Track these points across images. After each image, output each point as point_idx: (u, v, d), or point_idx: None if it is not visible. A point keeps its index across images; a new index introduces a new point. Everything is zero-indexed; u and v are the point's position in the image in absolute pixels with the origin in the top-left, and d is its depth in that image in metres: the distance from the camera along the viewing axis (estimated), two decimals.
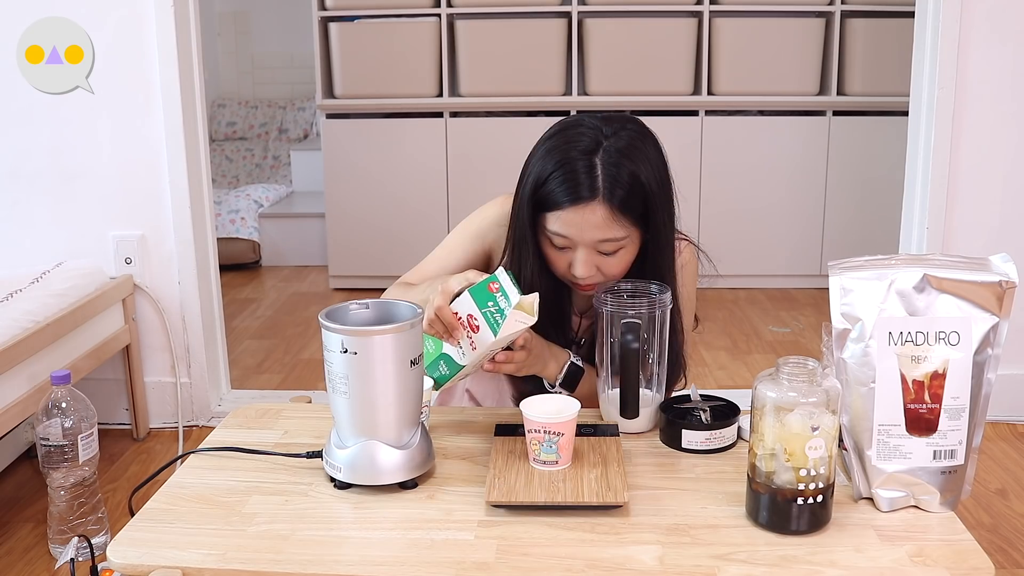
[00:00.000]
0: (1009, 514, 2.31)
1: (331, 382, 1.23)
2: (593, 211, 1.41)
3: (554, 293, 1.54)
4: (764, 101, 4.30)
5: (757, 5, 4.22)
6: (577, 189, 1.41)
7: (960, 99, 2.69)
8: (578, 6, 4.24)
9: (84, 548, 1.30)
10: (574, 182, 1.41)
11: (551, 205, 1.43)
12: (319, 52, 4.34)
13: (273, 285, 4.64)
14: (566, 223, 1.42)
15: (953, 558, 1.07)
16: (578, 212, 1.41)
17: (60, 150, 2.78)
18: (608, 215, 1.41)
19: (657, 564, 1.07)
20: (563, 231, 1.43)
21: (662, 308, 1.40)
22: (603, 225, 1.41)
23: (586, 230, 1.42)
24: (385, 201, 4.37)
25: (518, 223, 1.50)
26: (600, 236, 1.42)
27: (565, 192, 1.41)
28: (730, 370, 3.39)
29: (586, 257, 1.44)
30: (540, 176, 1.44)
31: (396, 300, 1.32)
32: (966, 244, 2.77)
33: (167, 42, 2.70)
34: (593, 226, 1.41)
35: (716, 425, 1.35)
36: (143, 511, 1.21)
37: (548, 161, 1.44)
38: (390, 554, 1.11)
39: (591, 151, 1.42)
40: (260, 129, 6.01)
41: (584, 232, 1.42)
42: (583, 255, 1.44)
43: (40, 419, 2.07)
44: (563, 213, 1.42)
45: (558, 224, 1.43)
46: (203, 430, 2.88)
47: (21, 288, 2.45)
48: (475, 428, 1.44)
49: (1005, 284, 1.16)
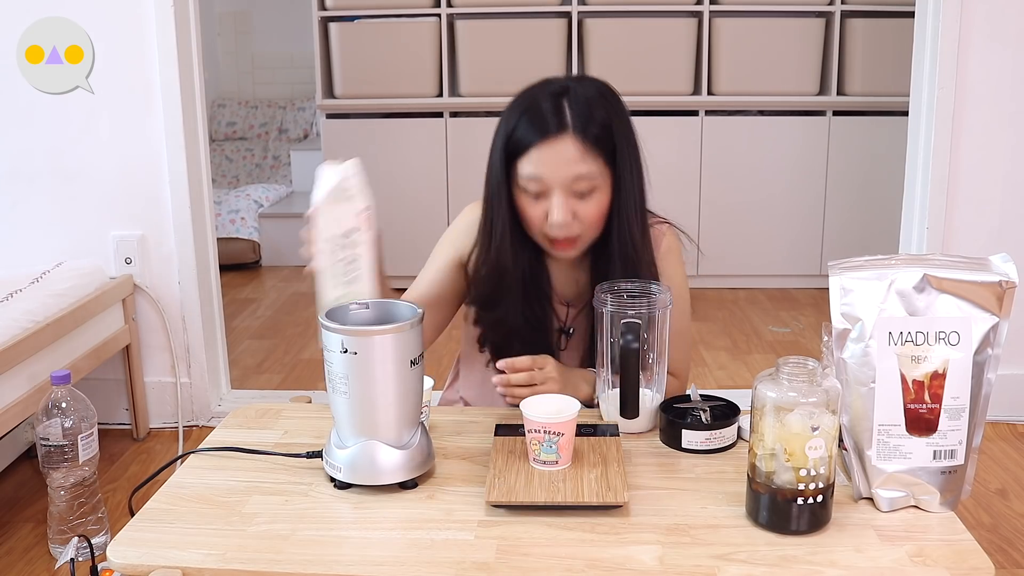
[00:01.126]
0: (1009, 514, 2.31)
1: (331, 382, 1.23)
2: (564, 144, 1.42)
3: (535, 280, 1.55)
4: (764, 101, 4.30)
5: (757, 5, 4.22)
6: (546, 125, 1.43)
7: (960, 99, 2.69)
8: (578, 6, 4.24)
9: (84, 548, 1.30)
10: (542, 119, 1.43)
11: (523, 147, 1.44)
12: (319, 52, 4.35)
13: (273, 285, 4.64)
14: (539, 161, 1.43)
15: (953, 558, 1.07)
16: (550, 147, 1.42)
17: (60, 150, 2.78)
18: (579, 148, 1.42)
19: (657, 564, 1.07)
20: (536, 171, 1.43)
21: (662, 308, 1.40)
22: (575, 159, 1.42)
23: (559, 166, 1.43)
24: (385, 201, 4.33)
25: (491, 186, 1.51)
26: (573, 172, 1.43)
27: (535, 130, 1.43)
28: (730, 370, 3.39)
29: (561, 201, 1.44)
30: (509, 124, 1.46)
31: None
32: (966, 244, 2.77)
33: (167, 42, 2.70)
34: (565, 161, 1.42)
35: (716, 425, 1.35)
36: (143, 511, 1.21)
37: (516, 110, 1.47)
38: (390, 554, 1.10)
39: (558, 94, 1.46)
40: (260, 129, 6.01)
41: (558, 168, 1.43)
42: (558, 198, 1.44)
43: (40, 419, 2.07)
44: (535, 152, 1.43)
45: (531, 165, 1.44)
46: (203, 430, 2.88)
47: (21, 288, 2.45)
48: (475, 428, 1.44)
49: (1005, 284, 1.16)
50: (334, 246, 1.31)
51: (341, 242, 1.31)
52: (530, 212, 1.47)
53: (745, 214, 4.34)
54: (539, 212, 1.47)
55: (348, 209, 1.29)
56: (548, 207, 1.45)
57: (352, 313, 1.28)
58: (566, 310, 1.63)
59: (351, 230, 1.30)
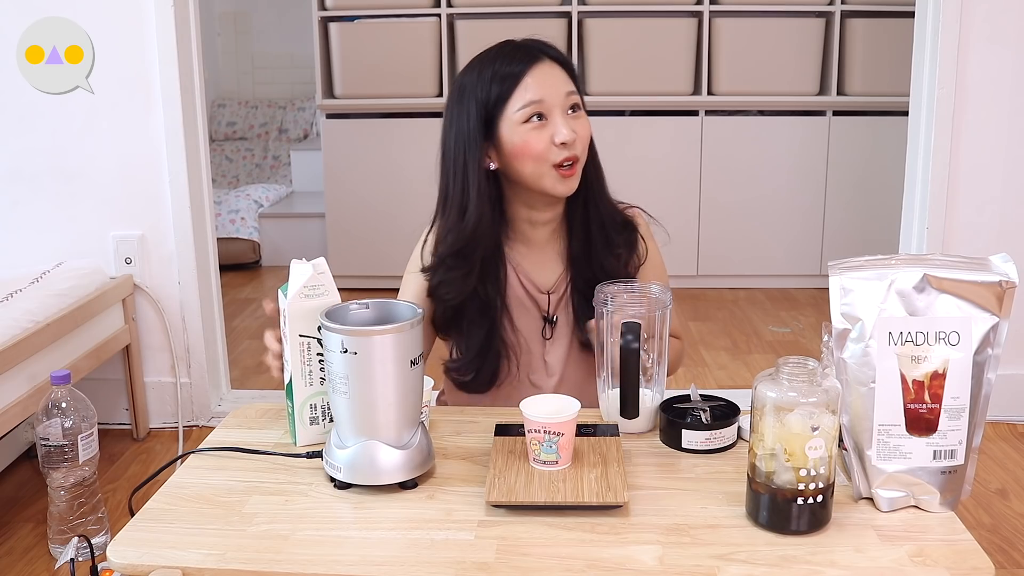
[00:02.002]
0: (1009, 514, 2.31)
1: (331, 382, 1.23)
2: (551, 66, 1.52)
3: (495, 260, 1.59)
4: (764, 101, 4.30)
5: (757, 5, 4.22)
6: (527, 56, 1.51)
7: (960, 99, 2.69)
8: (578, 6, 4.24)
9: (84, 548, 1.30)
10: (521, 53, 1.52)
11: (509, 88, 1.50)
12: (319, 52, 4.35)
13: (273, 285, 4.64)
14: (535, 84, 1.50)
15: (953, 558, 1.07)
16: (539, 71, 1.50)
17: (60, 150, 2.78)
18: (560, 69, 1.53)
19: (657, 564, 1.07)
20: (535, 95, 1.49)
21: (662, 308, 1.40)
22: (562, 77, 1.52)
23: (554, 84, 1.51)
24: (385, 201, 4.37)
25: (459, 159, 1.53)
26: (566, 87, 1.52)
27: (515, 66, 1.50)
28: (730, 370, 3.39)
29: (563, 119, 1.50)
30: (479, 91, 1.52)
31: None
32: (966, 244, 2.77)
33: (167, 42, 2.71)
34: (556, 78, 1.51)
35: (716, 425, 1.35)
36: (143, 511, 1.21)
37: (476, 81, 1.53)
38: (390, 554, 1.10)
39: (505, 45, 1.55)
40: (260, 129, 6.02)
41: (554, 86, 1.50)
42: (560, 116, 1.50)
43: (40, 419, 2.07)
44: (527, 79, 1.50)
45: (528, 92, 1.49)
46: (203, 430, 2.88)
47: (21, 288, 2.45)
48: (475, 428, 1.44)
49: (1005, 284, 1.16)
50: (304, 344, 1.33)
51: (312, 339, 1.33)
52: (534, 144, 1.51)
53: (745, 214, 4.34)
54: (543, 139, 1.50)
55: (318, 306, 1.30)
56: (551, 131, 1.50)
57: (352, 313, 1.28)
58: (547, 298, 1.64)
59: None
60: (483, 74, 1.52)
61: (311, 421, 1.37)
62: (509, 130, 1.51)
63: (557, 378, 1.66)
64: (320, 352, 1.31)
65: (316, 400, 1.36)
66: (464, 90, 1.54)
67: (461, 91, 1.55)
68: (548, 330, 1.64)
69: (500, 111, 1.51)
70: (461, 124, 1.54)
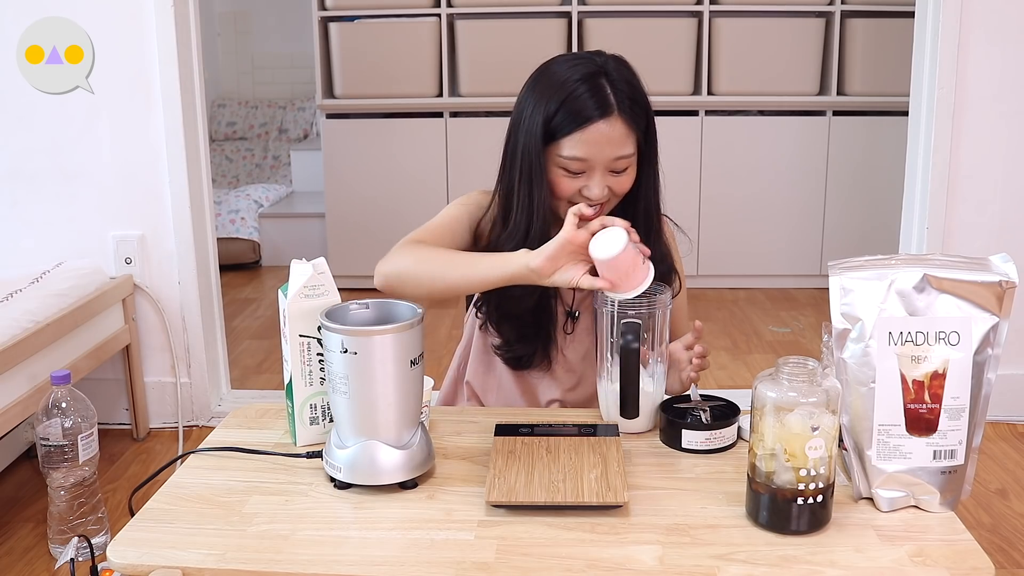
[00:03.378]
0: (1009, 514, 2.31)
1: (331, 382, 1.23)
2: (611, 126, 1.46)
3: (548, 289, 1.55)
4: (764, 101, 4.30)
5: (757, 5, 4.22)
6: (592, 109, 1.45)
7: (960, 99, 2.69)
8: (578, 6, 4.24)
9: (84, 548, 1.30)
10: (592, 100, 1.45)
11: (566, 130, 1.46)
12: (319, 52, 4.35)
13: (273, 285, 4.64)
14: (585, 143, 1.45)
15: (953, 558, 1.07)
16: (596, 130, 1.45)
17: (60, 150, 2.78)
18: (624, 129, 1.47)
19: (657, 564, 1.07)
20: (581, 154, 1.46)
21: (662, 308, 1.40)
22: (619, 142, 1.47)
23: (605, 148, 1.46)
24: (385, 201, 4.37)
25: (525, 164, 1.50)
26: (616, 153, 1.47)
27: (583, 113, 1.45)
28: (730, 370, 3.39)
29: (600, 178, 1.48)
30: (548, 109, 1.47)
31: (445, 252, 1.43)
32: (966, 244, 2.77)
33: (167, 42, 2.71)
34: (610, 142, 1.46)
35: (716, 425, 1.35)
36: (143, 511, 1.21)
37: (551, 94, 1.47)
38: (390, 554, 1.10)
39: (595, 74, 1.47)
40: (260, 129, 6.01)
41: (603, 150, 1.46)
42: (599, 176, 1.47)
43: (40, 419, 2.07)
44: (582, 134, 1.45)
45: (576, 148, 1.46)
46: (203, 430, 2.88)
47: (21, 288, 2.45)
48: (475, 428, 1.44)
49: (1005, 284, 1.16)
50: (304, 344, 1.33)
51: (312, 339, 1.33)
52: (562, 186, 1.50)
53: (745, 214, 4.34)
54: (573, 186, 1.49)
55: (318, 306, 1.30)
56: (585, 182, 1.49)
57: (352, 313, 1.28)
58: (572, 293, 1.64)
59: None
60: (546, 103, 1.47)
61: (311, 421, 1.37)
62: (550, 161, 1.49)
63: (576, 377, 1.65)
64: (320, 352, 1.31)
65: (316, 400, 1.36)
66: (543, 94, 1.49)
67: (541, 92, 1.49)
68: (569, 325, 1.64)
69: (553, 140, 1.48)
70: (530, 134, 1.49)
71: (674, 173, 1.71)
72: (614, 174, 1.49)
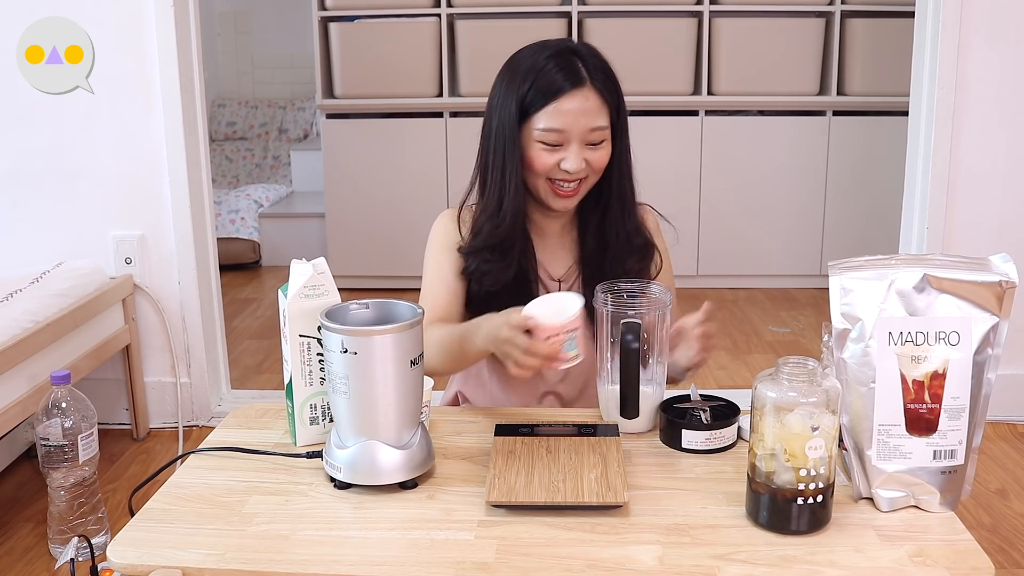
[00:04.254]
0: (1009, 514, 2.31)
1: (331, 382, 1.23)
2: (585, 96, 1.50)
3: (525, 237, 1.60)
4: (764, 101, 4.30)
5: (757, 5, 4.22)
6: (565, 80, 1.49)
7: (960, 99, 2.69)
8: (578, 6, 4.24)
9: (84, 548, 1.30)
10: (562, 73, 1.49)
11: (540, 103, 1.50)
12: (319, 52, 4.35)
13: (273, 285, 4.64)
14: (560, 114, 1.49)
15: (953, 558, 1.07)
16: (571, 100, 1.49)
17: (60, 150, 2.78)
18: (598, 100, 1.51)
19: (657, 564, 1.07)
20: (557, 125, 1.49)
21: (662, 308, 1.40)
22: (594, 112, 1.50)
23: (580, 118, 1.49)
24: (385, 201, 4.37)
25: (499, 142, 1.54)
26: (592, 123, 1.50)
27: (556, 84, 1.49)
28: (730, 370, 3.39)
29: (577, 151, 1.50)
30: (522, 89, 1.51)
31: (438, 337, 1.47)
32: (966, 244, 2.77)
33: (167, 42, 2.71)
34: (585, 112, 1.50)
35: (716, 425, 1.35)
36: (143, 511, 1.21)
37: (525, 72, 1.51)
38: (390, 554, 1.10)
39: (564, 51, 1.52)
40: (260, 129, 6.01)
41: (579, 120, 1.49)
42: (575, 148, 1.50)
43: (40, 419, 2.07)
44: (557, 105, 1.49)
45: (551, 119, 1.49)
46: (203, 430, 2.88)
47: (21, 288, 2.45)
48: (475, 428, 1.44)
49: (1005, 284, 1.16)
50: (304, 344, 1.33)
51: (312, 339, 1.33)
52: (540, 161, 1.52)
53: (745, 214, 4.34)
54: (551, 161, 1.52)
55: (318, 306, 1.30)
56: (562, 156, 1.51)
57: (352, 313, 1.28)
58: (558, 286, 1.65)
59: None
60: (531, 70, 1.51)
61: (311, 421, 1.37)
62: (527, 137, 1.53)
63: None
64: (320, 352, 1.31)
65: (316, 400, 1.36)
66: (513, 76, 1.53)
67: (512, 75, 1.54)
68: None
69: (528, 117, 1.52)
70: (503, 115, 1.54)
71: (674, 173, 1.71)
72: (591, 147, 1.52)
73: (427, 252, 1.66)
